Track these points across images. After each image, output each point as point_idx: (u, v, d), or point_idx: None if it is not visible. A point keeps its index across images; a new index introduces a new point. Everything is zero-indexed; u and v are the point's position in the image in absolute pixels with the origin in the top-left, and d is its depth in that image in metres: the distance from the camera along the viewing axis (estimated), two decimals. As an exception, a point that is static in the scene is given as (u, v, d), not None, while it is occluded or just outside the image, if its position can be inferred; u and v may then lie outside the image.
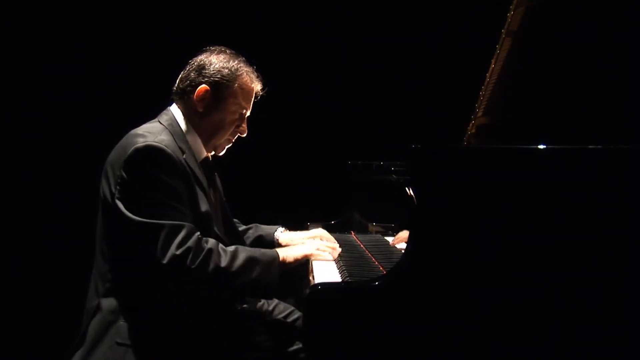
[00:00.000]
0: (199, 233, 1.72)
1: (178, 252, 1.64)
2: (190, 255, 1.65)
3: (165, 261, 1.63)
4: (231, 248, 1.78)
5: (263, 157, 3.37)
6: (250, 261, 1.76)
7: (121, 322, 1.71)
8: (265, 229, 2.34)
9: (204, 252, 1.68)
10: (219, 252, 1.72)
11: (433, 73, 3.47)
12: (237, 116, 1.96)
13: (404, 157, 1.91)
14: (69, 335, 1.90)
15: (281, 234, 2.32)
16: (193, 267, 1.65)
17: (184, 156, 1.81)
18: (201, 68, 1.92)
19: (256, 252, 1.83)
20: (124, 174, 1.70)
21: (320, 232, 2.32)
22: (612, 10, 1.82)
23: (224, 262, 1.71)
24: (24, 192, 3.24)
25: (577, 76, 1.86)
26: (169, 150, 1.74)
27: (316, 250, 1.98)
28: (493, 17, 2.15)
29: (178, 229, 1.67)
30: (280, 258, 1.83)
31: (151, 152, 1.72)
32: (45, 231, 3.27)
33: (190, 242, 1.67)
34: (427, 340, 1.47)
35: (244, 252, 1.78)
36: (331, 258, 2.01)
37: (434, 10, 3.46)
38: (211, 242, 1.74)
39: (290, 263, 1.87)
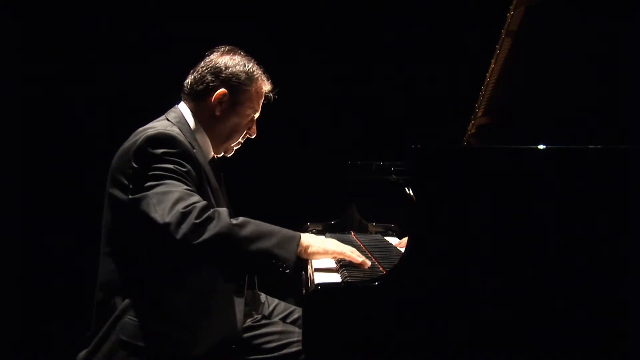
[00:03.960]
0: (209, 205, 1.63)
1: (184, 210, 1.56)
2: (196, 212, 1.55)
3: (168, 219, 1.53)
4: (244, 218, 1.67)
5: (263, 157, 3.37)
6: (266, 229, 1.64)
7: (127, 319, 1.70)
8: None
9: (210, 210, 1.59)
10: (228, 214, 1.62)
11: (433, 73, 3.47)
12: (250, 119, 1.98)
13: (404, 157, 1.91)
14: (72, 335, 1.90)
15: None
16: (197, 221, 1.54)
17: (194, 151, 1.81)
18: (218, 71, 1.91)
19: (274, 226, 1.70)
20: (134, 164, 1.69)
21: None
22: (612, 10, 1.82)
23: (234, 221, 1.60)
24: (25, 192, 3.24)
25: (577, 76, 1.86)
26: (181, 138, 1.74)
27: (350, 252, 1.80)
28: (493, 17, 2.15)
29: (188, 195, 1.61)
30: (304, 240, 1.69)
31: (162, 138, 1.71)
32: (45, 231, 3.27)
33: (198, 204, 1.59)
34: (427, 340, 1.47)
35: (259, 222, 1.67)
36: (366, 264, 1.80)
37: (434, 11, 3.46)
38: (222, 208, 1.65)
39: (317, 252, 1.72)
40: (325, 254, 1.76)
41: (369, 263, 1.83)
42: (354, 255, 1.80)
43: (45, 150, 3.29)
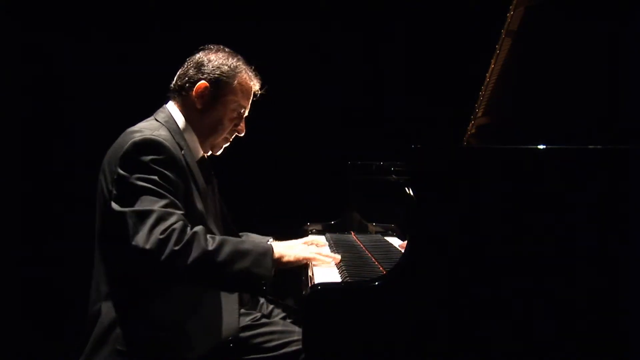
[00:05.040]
0: (187, 223, 1.64)
1: (162, 236, 1.56)
2: (175, 237, 1.57)
3: (149, 246, 1.55)
4: (220, 237, 1.69)
5: (263, 157, 3.37)
6: (241, 250, 1.66)
7: (119, 330, 1.69)
8: (256, 238, 2.30)
9: (188, 235, 1.60)
10: (205, 237, 1.63)
11: (433, 73, 3.47)
12: (235, 114, 1.94)
13: (404, 157, 1.91)
14: (72, 342, 1.89)
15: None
16: (177, 248, 1.56)
17: (182, 152, 1.80)
18: (200, 65, 1.91)
19: (247, 242, 1.74)
20: (119, 170, 1.68)
21: (313, 238, 2.30)
22: (612, 10, 1.82)
23: (210, 246, 1.61)
24: (24, 193, 3.24)
25: (577, 76, 1.86)
26: (167, 144, 1.72)
27: (318, 255, 1.88)
28: (493, 17, 2.15)
29: (167, 215, 1.60)
30: (276, 253, 1.73)
31: (148, 144, 1.70)
32: (44, 233, 3.27)
33: (176, 226, 1.59)
34: (427, 340, 1.47)
35: (233, 241, 1.69)
36: (332, 264, 1.89)
37: (434, 10, 3.46)
38: (198, 227, 1.65)
39: (289, 262, 1.77)
40: (297, 262, 1.80)
41: (337, 259, 1.90)
42: (320, 257, 1.86)
43: (45, 150, 3.29)
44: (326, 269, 1.88)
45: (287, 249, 1.81)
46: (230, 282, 1.68)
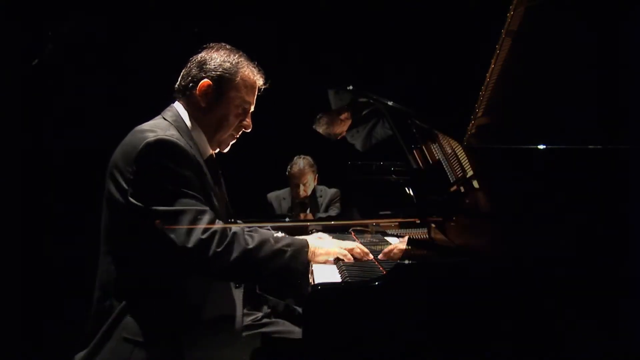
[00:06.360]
0: (224, 224, 1.71)
1: (204, 236, 1.63)
2: (217, 238, 1.64)
3: (190, 245, 1.61)
4: (260, 232, 1.76)
5: (263, 157, 3.38)
6: (280, 246, 1.74)
7: (129, 318, 1.71)
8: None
9: (230, 235, 1.67)
10: (244, 237, 1.70)
11: (433, 73, 3.47)
12: (240, 110, 1.95)
13: (404, 157, 1.92)
14: (69, 336, 1.90)
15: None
16: (219, 250, 1.63)
17: (192, 152, 1.82)
18: (202, 64, 1.92)
19: (286, 238, 1.81)
20: (137, 171, 1.70)
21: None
22: (612, 10, 1.82)
23: (251, 244, 1.69)
24: (24, 192, 3.24)
25: (577, 76, 1.86)
26: (181, 143, 1.75)
27: (348, 252, 1.92)
28: (493, 17, 2.15)
29: (202, 213, 1.67)
30: (311, 247, 1.80)
31: (164, 144, 1.72)
32: (45, 232, 3.27)
33: (216, 227, 1.66)
34: (426, 339, 1.47)
35: (273, 237, 1.76)
36: (368, 257, 1.97)
37: (434, 11, 3.47)
38: (237, 228, 1.72)
39: (321, 254, 1.85)
40: (327, 255, 1.87)
41: (370, 256, 1.95)
42: (356, 251, 1.93)
43: (45, 150, 3.29)
44: (326, 268, 1.88)
45: (319, 242, 1.89)
46: (270, 278, 1.77)
